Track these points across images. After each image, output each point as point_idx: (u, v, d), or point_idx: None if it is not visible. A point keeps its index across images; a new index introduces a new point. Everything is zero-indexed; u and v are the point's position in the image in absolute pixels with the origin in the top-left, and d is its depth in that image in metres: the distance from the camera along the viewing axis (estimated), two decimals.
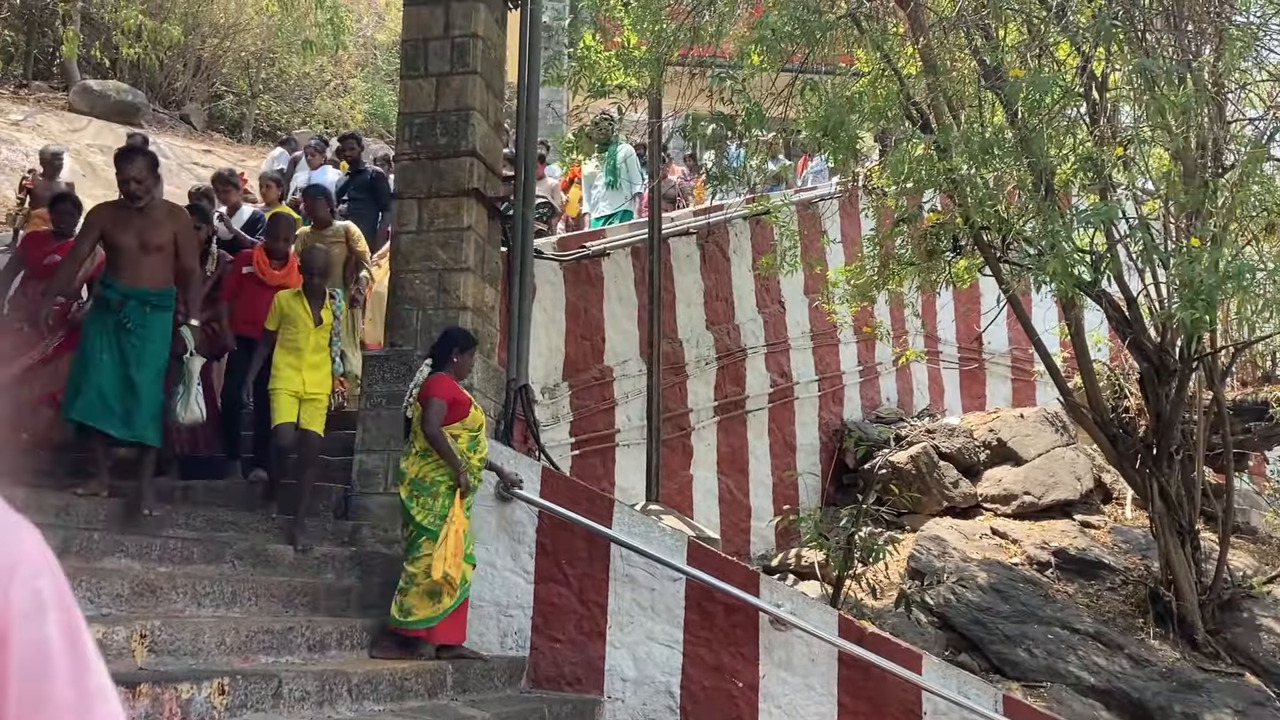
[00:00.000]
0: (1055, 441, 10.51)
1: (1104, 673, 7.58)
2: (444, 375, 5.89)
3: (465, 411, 5.81)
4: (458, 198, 6.85)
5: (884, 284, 8.75)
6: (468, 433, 5.81)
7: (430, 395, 5.77)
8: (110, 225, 5.64)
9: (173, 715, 3.66)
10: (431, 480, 5.64)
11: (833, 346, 11.67)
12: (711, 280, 10.30)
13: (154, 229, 5.68)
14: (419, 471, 5.70)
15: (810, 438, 11.21)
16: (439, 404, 5.74)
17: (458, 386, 5.90)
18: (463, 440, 5.78)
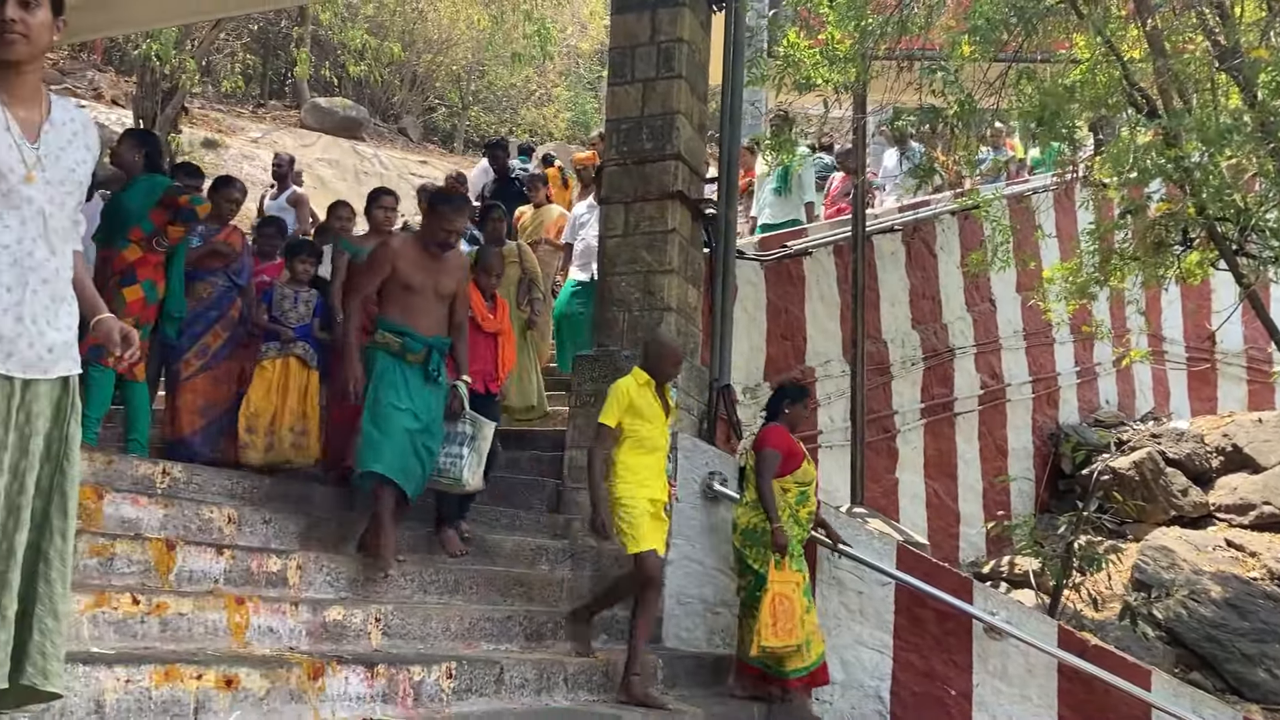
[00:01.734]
0: None
1: None
2: (778, 426, 5.96)
3: (798, 464, 5.84)
4: (662, 201, 6.94)
5: (1105, 280, 8.31)
6: (798, 486, 5.83)
7: (764, 445, 5.83)
8: (410, 267, 5.07)
9: (406, 695, 3.87)
10: (763, 530, 5.66)
11: (1047, 346, 11.17)
12: (917, 278, 10.04)
13: (448, 277, 5.19)
14: (749, 521, 5.76)
15: (1023, 442, 10.77)
16: (772, 455, 5.77)
17: (791, 438, 5.93)
18: (791, 494, 5.80)
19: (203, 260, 6.12)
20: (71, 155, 2.65)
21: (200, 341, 6.00)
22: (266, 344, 5.99)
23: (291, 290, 6.13)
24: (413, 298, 5.06)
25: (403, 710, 3.84)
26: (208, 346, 6.03)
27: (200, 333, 6.01)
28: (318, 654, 3.83)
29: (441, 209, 5.13)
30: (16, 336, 2.50)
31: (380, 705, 3.78)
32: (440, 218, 5.11)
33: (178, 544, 4.06)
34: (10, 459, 2.48)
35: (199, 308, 6.03)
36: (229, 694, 3.31)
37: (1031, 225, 10.01)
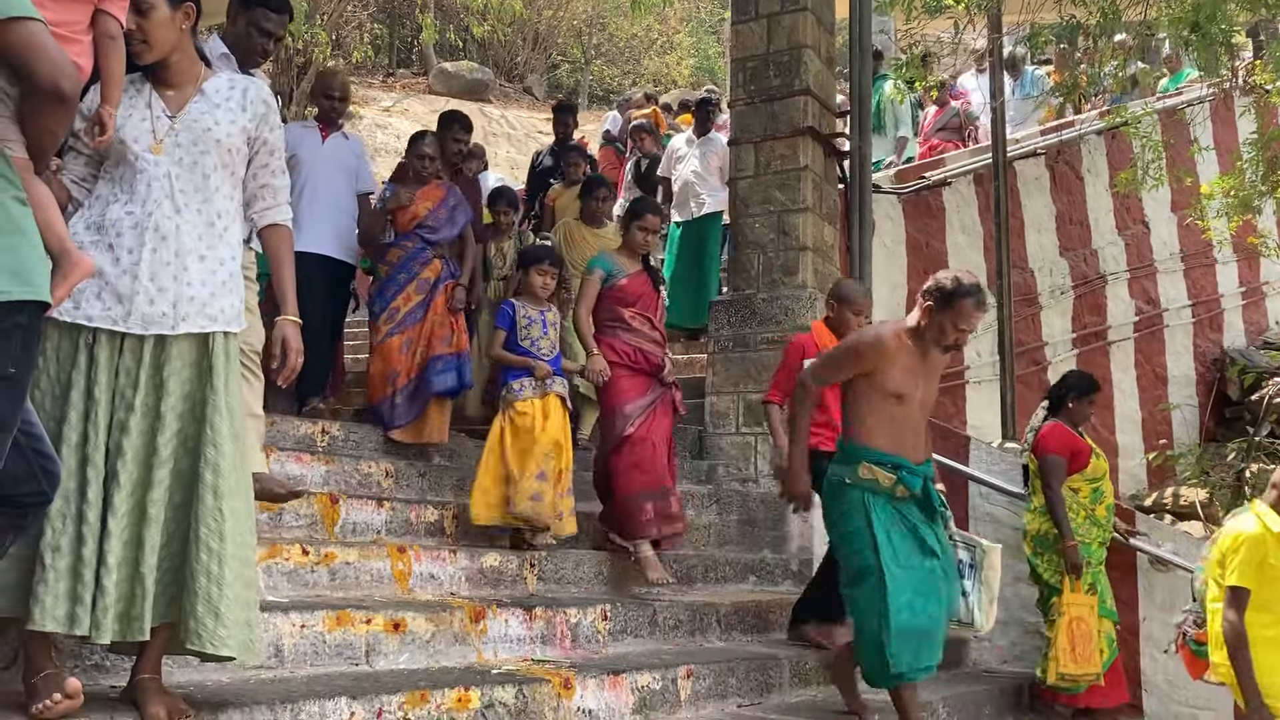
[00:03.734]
0: None
1: None
2: (1058, 424, 5.54)
3: (1085, 462, 5.49)
4: (793, 138, 6.81)
5: (1271, 192, 7.82)
6: (1089, 485, 5.51)
7: (1045, 450, 5.44)
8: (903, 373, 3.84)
9: (564, 636, 3.96)
10: (1054, 538, 5.41)
11: (1208, 268, 10.59)
12: (1064, 203, 9.62)
13: (936, 380, 4.05)
14: (1039, 528, 5.50)
15: (1184, 369, 10.27)
16: (1056, 461, 5.38)
17: (1074, 434, 5.55)
18: (1084, 493, 5.49)
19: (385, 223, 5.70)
20: (215, 117, 2.72)
21: (390, 306, 5.49)
22: (514, 379, 4.78)
23: (537, 312, 4.95)
24: (898, 409, 3.83)
25: (561, 650, 3.93)
26: (397, 310, 5.48)
27: (392, 297, 5.51)
28: (478, 599, 3.95)
29: (964, 303, 3.73)
30: (134, 294, 2.54)
31: (540, 646, 3.88)
32: (960, 314, 3.74)
33: (340, 498, 4.23)
34: (139, 420, 2.51)
35: (390, 271, 5.56)
36: (397, 637, 3.44)
37: (1186, 140, 9.46)
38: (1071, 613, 5.25)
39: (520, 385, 4.77)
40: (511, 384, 4.78)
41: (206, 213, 2.69)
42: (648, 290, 5.20)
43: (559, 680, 3.41)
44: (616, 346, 5.00)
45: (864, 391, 3.86)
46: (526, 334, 4.88)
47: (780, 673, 4.39)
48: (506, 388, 4.78)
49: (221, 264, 2.69)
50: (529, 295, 4.96)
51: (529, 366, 4.79)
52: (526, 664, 3.66)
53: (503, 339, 4.88)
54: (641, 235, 5.19)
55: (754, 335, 6.64)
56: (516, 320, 4.88)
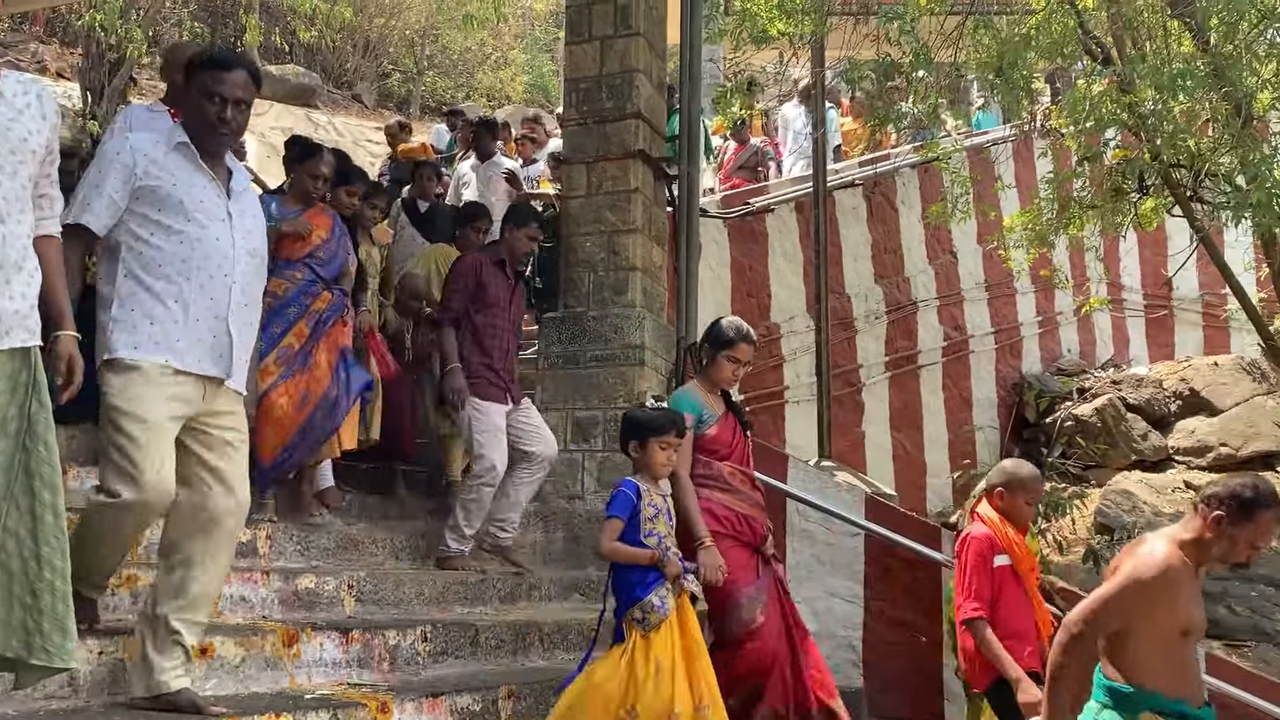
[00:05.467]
0: (1254, 390, 9.93)
1: None
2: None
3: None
4: (624, 160, 6.90)
5: (1063, 228, 8.40)
6: None
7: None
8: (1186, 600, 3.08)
9: (382, 659, 3.88)
10: None
11: (1009, 297, 11.28)
12: (879, 232, 10.08)
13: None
14: None
15: (987, 392, 10.90)
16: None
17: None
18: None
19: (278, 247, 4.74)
20: (23, 126, 2.62)
21: (282, 344, 4.68)
22: (648, 589, 3.69)
23: (661, 498, 3.93)
24: (1183, 647, 3.11)
25: (379, 674, 3.85)
26: (290, 348, 4.69)
27: (282, 334, 4.70)
28: (291, 622, 3.83)
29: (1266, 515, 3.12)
30: None
31: (357, 670, 3.79)
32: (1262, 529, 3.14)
33: None
34: None
35: (276, 304, 4.67)
36: (204, 663, 3.30)
37: (991, 176, 10.08)
38: None
39: (662, 599, 3.67)
40: (650, 599, 3.65)
41: (26, 223, 2.61)
42: (740, 437, 4.47)
43: (375, 704, 3.35)
44: (715, 512, 4.21)
45: (1144, 633, 3.08)
46: (651, 527, 3.78)
47: None
48: (639, 606, 3.65)
49: (33, 276, 2.62)
50: (647, 473, 3.86)
51: (661, 564, 3.70)
52: (342, 688, 3.58)
53: (619, 530, 3.75)
54: (731, 368, 4.50)
55: (583, 352, 6.67)
56: (641, 509, 3.77)
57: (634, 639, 3.62)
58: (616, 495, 3.82)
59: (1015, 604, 4.37)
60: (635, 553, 3.72)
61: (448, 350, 5.30)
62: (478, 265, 5.48)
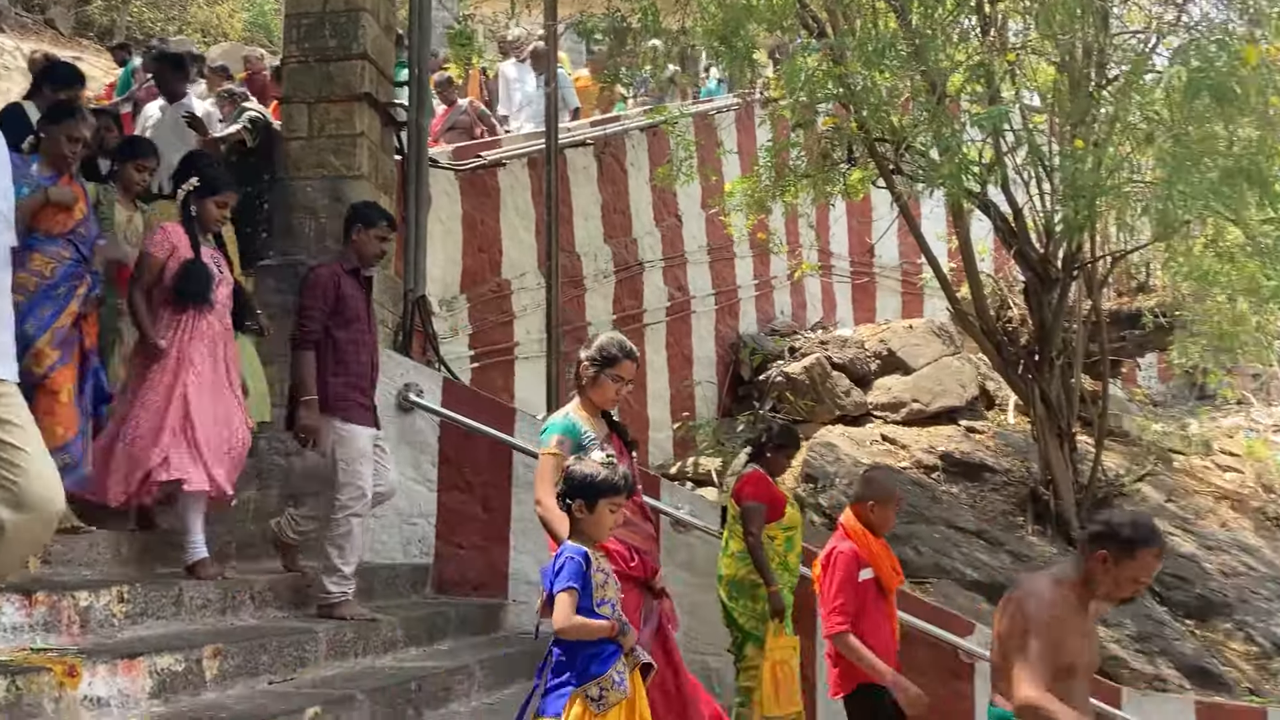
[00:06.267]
0: (942, 351, 10.85)
1: (986, 568, 7.95)
2: (758, 471, 5.56)
3: (781, 512, 5.52)
4: (349, 103, 6.65)
5: (779, 195, 8.84)
6: (783, 533, 5.52)
7: (746, 497, 5.45)
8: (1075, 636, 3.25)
9: (72, 621, 3.59)
10: (751, 584, 5.40)
11: (729, 261, 11.77)
12: (609, 193, 10.24)
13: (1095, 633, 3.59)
14: (735, 573, 5.45)
15: (707, 351, 11.35)
16: (756, 508, 5.40)
17: (772, 484, 5.58)
18: (779, 541, 5.48)
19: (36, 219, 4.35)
20: None
21: (55, 326, 4.33)
22: (605, 665, 3.30)
23: (608, 561, 3.51)
24: (1074, 684, 3.23)
25: (69, 637, 3.56)
26: (62, 329, 4.36)
27: (53, 316, 4.32)
28: None
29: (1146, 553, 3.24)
30: None
31: (42, 634, 3.48)
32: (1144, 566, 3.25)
33: None
34: None
35: (44, 285, 4.33)
36: None
37: (714, 142, 10.44)
38: (775, 656, 5.29)
39: (621, 675, 3.31)
40: (610, 675, 3.27)
41: None
42: (626, 460, 4.03)
43: (61, 669, 3.09)
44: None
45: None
46: (604, 594, 3.35)
47: (316, 646, 4.29)
48: (597, 683, 3.26)
49: None
50: (589, 535, 3.39)
51: (621, 635, 3.33)
52: (23, 654, 3.28)
53: (575, 603, 3.27)
54: (616, 387, 4.07)
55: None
56: (591, 576, 3.33)
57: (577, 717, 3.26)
58: (565, 564, 3.32)
59: (878, 618, 4.55)
60: (597, 626, 3.29)
61: (305, 377, 4.75)
62: (335, 276, 4.87)
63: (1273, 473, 11.11)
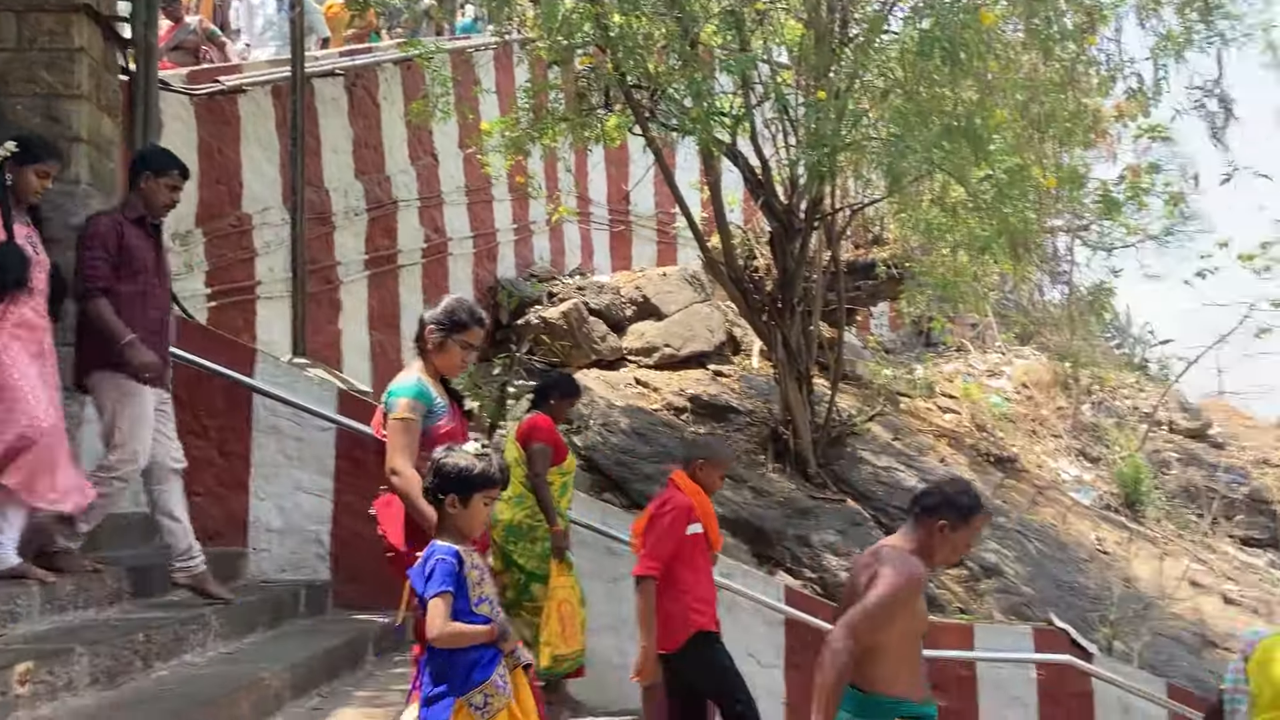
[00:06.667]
0: (693, 298, 11.18)
1: (730, 504, 8.30)
2: (544, 416, 5.63)
3: (563, 457, 5.62)
4: (65, 13, 6.05)
5: (537, 138, 8.78)
6: (561, 478, 5.59)
7: (533, 439, 5.49)
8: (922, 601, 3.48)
9: None
10: (530, 527, 5.42)
11: (487, 203, 11.62)
12: (360, 127, 9.85)
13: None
14: (513, 517, 5.42)
15: (465, 294, 11.19)
16: (543, 450, 5.47)
17: (555, 429, 5.66)
18: (555, 485, 5.53)
19: None
20: None
21: None
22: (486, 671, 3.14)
23: (481, 557, 3.34)
24: (917, 650, 3.43)
25: None
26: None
27: None
28: None
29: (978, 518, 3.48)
30: None
31: None
32: (975, 531, 3.49)
33: None
34: None
35: None
36: None
37: (472, 80, 10.23)
38: (559, 595, 5.36)
39: (504, 678, 3.17)
40: (493, 680, 3.13)
41: None
42: (464, 429, 3.99)
43: None
44: None
45: (893, 632, 3.29)
46: (481, 593, 3.18)
47: (29, 600, 3.96)
48: (480, 690, 3.10)
49: None
50: (460, 532, 3.20)
51: (501, 639, 3.18)
52: None
53: (449, 607, 3.09)
54: (463, 355, 3.99)
55: None
56: (466, 575, 3.14)
57: None
58: (436, 567, 3.10)
59: (703, 570, 4.74)
60: (476, 631, 3.11)
61: (110, 322, 4.40)
62: (117, 225, 4.57)
63: (985, 413, 12.17)
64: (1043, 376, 13.92)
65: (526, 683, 3.29)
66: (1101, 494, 11.55)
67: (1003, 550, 8.99)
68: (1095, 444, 12.82)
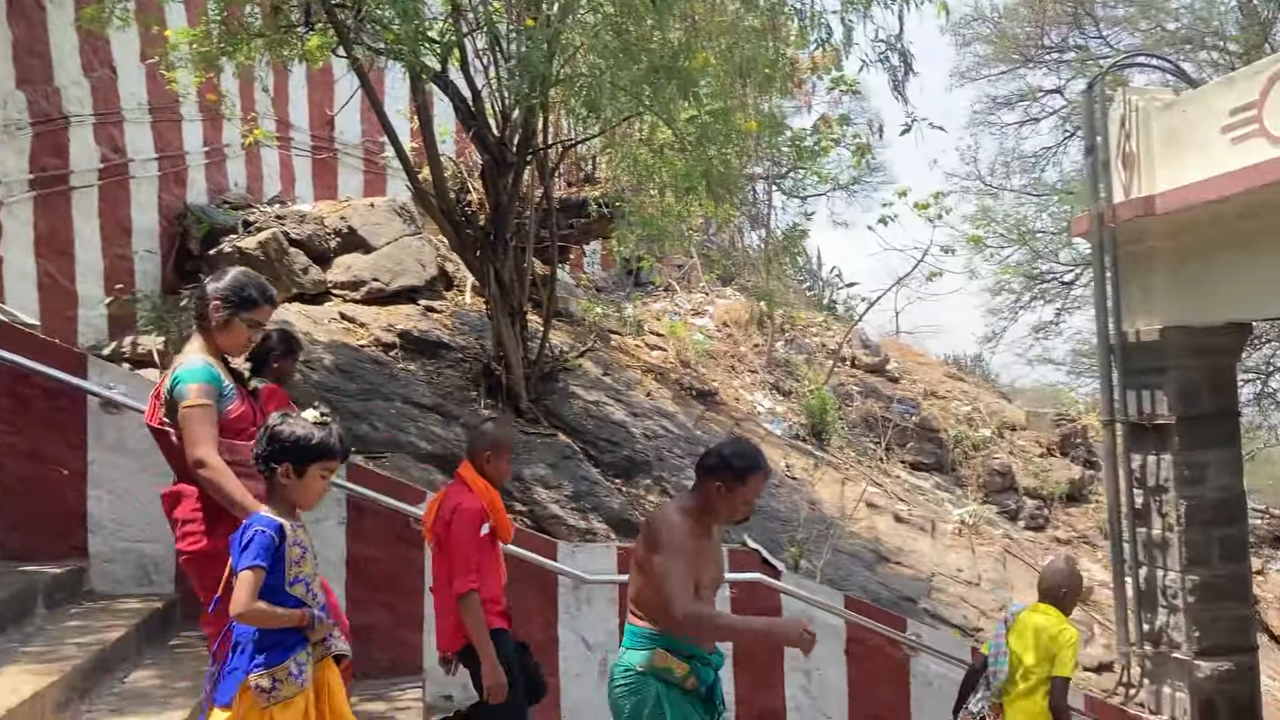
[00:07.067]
0: (403, 231, 10.86)
1: (440, 440, 8.20)
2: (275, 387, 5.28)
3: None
4: None
5: (230, 53, 8.16)
6: None
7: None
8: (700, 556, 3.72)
9: None
10: None
11: (175, 123, 10.72)
12: (22, 30, 8.79)
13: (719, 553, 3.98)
14: None
15: (149, 221, 10.33)
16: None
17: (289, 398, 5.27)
18: None
19: None
20: None
21: None
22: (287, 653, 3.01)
23: (305, 534, 3.16)
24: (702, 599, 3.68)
25: None
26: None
27: None
28: None
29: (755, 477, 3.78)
30: None
31: None
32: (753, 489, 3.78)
33: None
34: None
35: None
36: None
37: None
38: None
39: (301, 666, 3.01)
40: (287, 665, 2.97)
41: None
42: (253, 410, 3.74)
43: None
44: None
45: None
46: (298, 571, 3.03)
47: None
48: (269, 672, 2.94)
49: None
50: (290, 504, 3.09)
51: (311, 627, 3.03)
52: None
53: (260, 583, 2.93)
54: (249, 334, 3.77)
55: None
56: (286, 551, 2.99)
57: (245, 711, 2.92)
58: (254, 538, 2.93)
59: (492, 569, 4.67)
60: (283, 614, 2.96)
61: None
62: None
63: (689, 350, 12.66)
64: (741, 315, 14.64)
65: (338, 676, 3.19)
66: (792, 424, 12.34)
67: None
68: (787, 379, 13.67)
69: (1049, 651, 5.13)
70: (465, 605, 4.50)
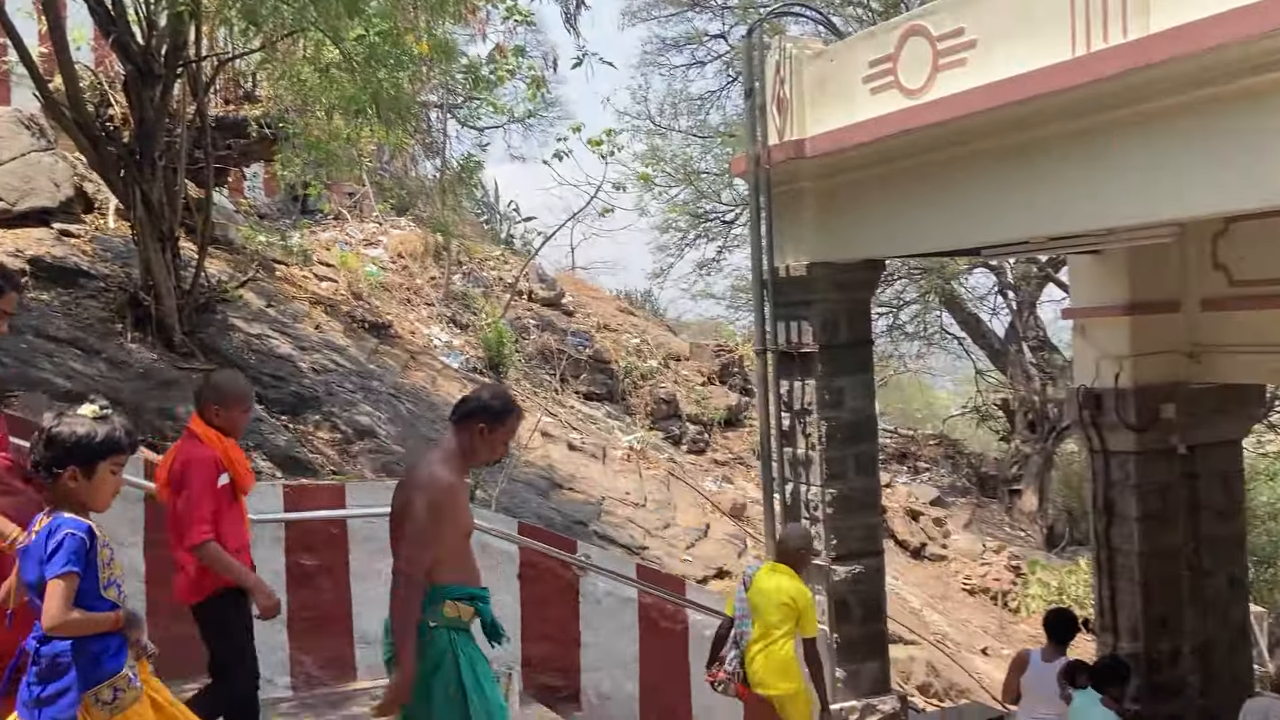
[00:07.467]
0: (32, 145, 9.78)
1: (81, 377, 7.53)
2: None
3: None
4: None
5: None
6: None
7: None
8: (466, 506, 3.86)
9: None
10: None
11: None
12: None
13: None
14: None
15: None
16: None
17: None
18: None
19: None
20: None
21: None
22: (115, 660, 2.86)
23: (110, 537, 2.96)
24: (466, 545, 3.87)
25: None
26: None
27: None
28: None
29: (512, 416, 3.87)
30: None
31: None
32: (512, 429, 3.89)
33: None
34: None
35: None
36: None
37: None
38: None
39: (133, 669, 2.93)
40: (125, 673, 2.89)
41: None
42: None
43: None
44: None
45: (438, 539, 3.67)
46: (110, 574, 2.91)
47: None
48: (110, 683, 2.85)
49: None
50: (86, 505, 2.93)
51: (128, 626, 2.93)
52: None
53: (74, 590, 2.80)
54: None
55: None
56: (98, 556, 2.87)
57: None
58: (64, 542, 2.80)
59: (235, 522, 4.42)
60: (102, 619, 2.87)
61: None
62: None
63: (362, 282, 12.31)
64: (417, 247, 14.39)
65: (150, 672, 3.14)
66: (469, 357, 12.35)
67: (376, 413, 9.25)
68: (464, 312, 13.62)
69: (792, 611, 5.81)
70: (204, 554, 4.24)
